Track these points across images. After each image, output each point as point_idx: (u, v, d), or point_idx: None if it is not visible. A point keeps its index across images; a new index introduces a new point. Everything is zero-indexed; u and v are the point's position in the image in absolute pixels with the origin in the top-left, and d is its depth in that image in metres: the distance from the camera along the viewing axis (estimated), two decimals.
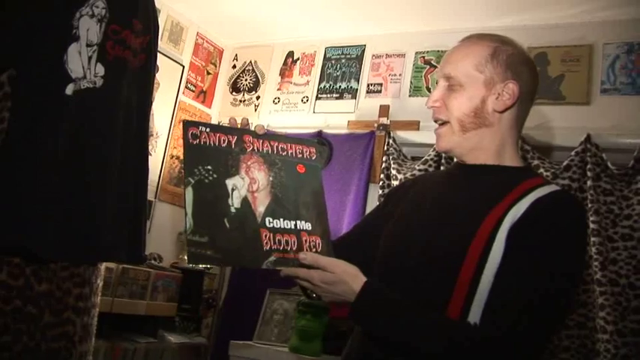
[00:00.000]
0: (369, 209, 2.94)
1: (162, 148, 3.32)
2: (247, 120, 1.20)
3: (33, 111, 1.28)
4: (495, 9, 2.85)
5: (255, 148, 1.16)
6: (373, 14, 3.14)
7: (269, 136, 1.19)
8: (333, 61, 3.43)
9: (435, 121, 1.26)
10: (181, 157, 3.37)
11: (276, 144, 1.19)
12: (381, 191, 2.90)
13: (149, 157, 1.56)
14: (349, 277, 1.08)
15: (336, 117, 3.28)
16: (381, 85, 3.24)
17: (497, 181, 1.18)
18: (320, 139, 3.19)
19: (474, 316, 1.05)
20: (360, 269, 1.11)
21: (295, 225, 1.14)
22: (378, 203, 2.81)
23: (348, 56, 3.38)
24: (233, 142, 1.14)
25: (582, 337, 2.41)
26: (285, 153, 1.20)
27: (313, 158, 1.23)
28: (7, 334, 1.25)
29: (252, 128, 1.19)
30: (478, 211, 1.12)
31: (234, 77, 3.73)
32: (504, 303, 1.03)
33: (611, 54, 2.71)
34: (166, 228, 3.28)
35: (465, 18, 2.94)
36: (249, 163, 1.14)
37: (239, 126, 1.18)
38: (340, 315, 2.40)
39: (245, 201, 1.11)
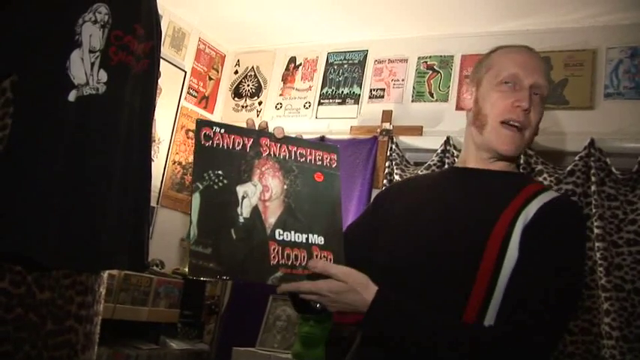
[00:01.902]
0: None
1: (165, 154, 3.31)
2: (266, 123, 1.13)
3: (35, 117, 1.27)
4: (498, 14, 2.85)
5: (272, 152, 1.10)
6: (375, 19, 3.14)
7: (288, 140, 1.12)
8: (335, 67, 3.42)
9: (509, 121, 1.19)
10: (183, 162, 3.37)
11: (295, 149, 1.12)
12: None
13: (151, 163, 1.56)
14: (360, 287, 1.05)
15: (338, 122, 3.27)
16: (383, 90, 3.23)
17: (500, 186, 1.19)
18: None
19: (490, 318, 1.05)
20: None
21: (307, 238, 1.08)
22: None
23: (351, 61, 3.38)
24: (249, 145, 1.08)
25: (587, 343, 2.40)
26: (304, 159, 1.13)
27: (334, 166, 1.16)
28: (8, 342, 1.23)
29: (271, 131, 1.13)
30: (488, 215, 1.12)
31: (237, 83, 3.73)
32: (520, 302, 1.03)
33: (615, 58, 2.70)
34: (168, 234, 3.27)
35: (467, 23, 2.94)
36: (263, 168, 1.08)
37: (257, 128, 1.12)
38: (343, 321, 2.38)
39: (255, 210, 1.05)
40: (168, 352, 2.82)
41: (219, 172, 1.03)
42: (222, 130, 1.06)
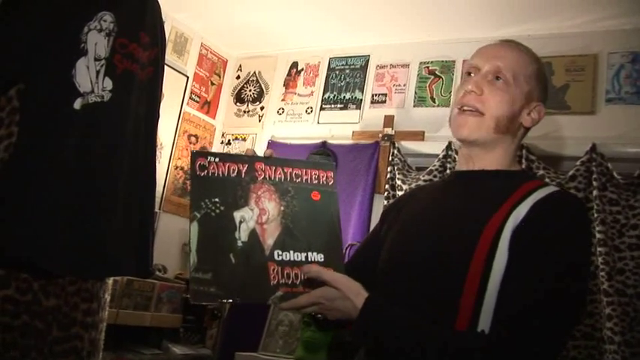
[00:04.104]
0: (374, 220, 2.93)
1: (167, 159, 3.32)
2: (253, 151, 1.16)
3: (41, 125, 1.28)
4: (499, 19, 2.86)
5: (267, 176, 1.12)
6: (377, 24, 3.15)
7: (283, 162, 1.15)
8: (337, 72, 3.43)
9: (462, 107, 1.20)
10: (185, 167, 3.37)
11: (290, 170, 1.14)
12: (386, 202, 2.90)
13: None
14: (351, 294, 1.06)
15: (340, 127, 3.28)
16: (385, 95, 3.24)
17: (496, 186, 1.17)
18: (324, 149, 3.20)
19: (484, 324, 1.03)
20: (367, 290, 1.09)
21: (306, 257, 1.09)
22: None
23: (353, 66, 3.39)
24: (243, 170, 1.10)
25: (590, 347, 2.40)
26: (300, 180, 1.15)
27: (330, 183, 1.18)
28: (15, 349, 1.24)
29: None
30: (479, 218, 1.10)
31: (238, 88, 3.74)
32: (513, 308, 1.01)
33: (616, 63, 2.71)
34: (171, 239, 3.28)
35: (469, 28, 2.95)
36: (259, 192, 1.10)
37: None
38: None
39: (253, 233, 1.07)
40: (171, 357, 2.82)
41: (216, 199, 1.06)
42: (217, 159, 1.09)
